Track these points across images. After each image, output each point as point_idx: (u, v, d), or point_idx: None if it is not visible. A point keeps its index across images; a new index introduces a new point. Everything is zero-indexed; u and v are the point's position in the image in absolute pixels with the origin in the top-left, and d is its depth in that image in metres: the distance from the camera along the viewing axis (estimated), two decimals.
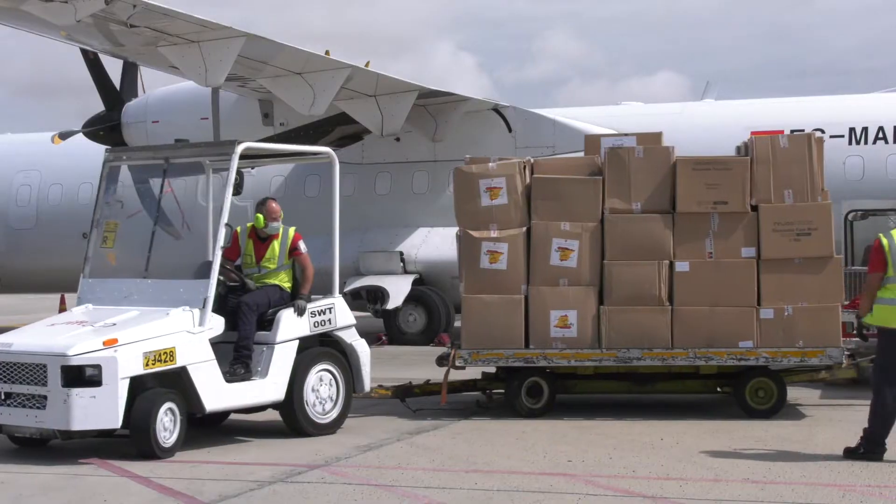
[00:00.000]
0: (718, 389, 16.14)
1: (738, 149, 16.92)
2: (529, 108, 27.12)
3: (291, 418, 14.41)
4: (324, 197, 27.62)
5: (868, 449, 12.55)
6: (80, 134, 28.59)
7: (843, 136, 25.42)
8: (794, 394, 17.16)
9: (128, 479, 12.11)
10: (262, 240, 14.86)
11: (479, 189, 15.83)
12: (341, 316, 14.85)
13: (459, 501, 11.06)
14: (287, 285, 14.73)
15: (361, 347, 15.01)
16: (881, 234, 12.85)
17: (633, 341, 15.40)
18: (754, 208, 15.56)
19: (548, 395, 15.75)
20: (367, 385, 15.08)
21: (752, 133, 25.65)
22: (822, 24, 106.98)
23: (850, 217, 21.62)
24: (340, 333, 14.86)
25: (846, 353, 15.66)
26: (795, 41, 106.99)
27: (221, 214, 14.00)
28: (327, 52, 24.09)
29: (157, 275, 14.30)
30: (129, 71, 28.70)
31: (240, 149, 14.18)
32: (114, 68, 28.33)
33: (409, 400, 16.29)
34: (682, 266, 15.47)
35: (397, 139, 26.91)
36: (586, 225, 15.59)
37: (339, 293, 15.08)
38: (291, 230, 14.91)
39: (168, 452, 13.05)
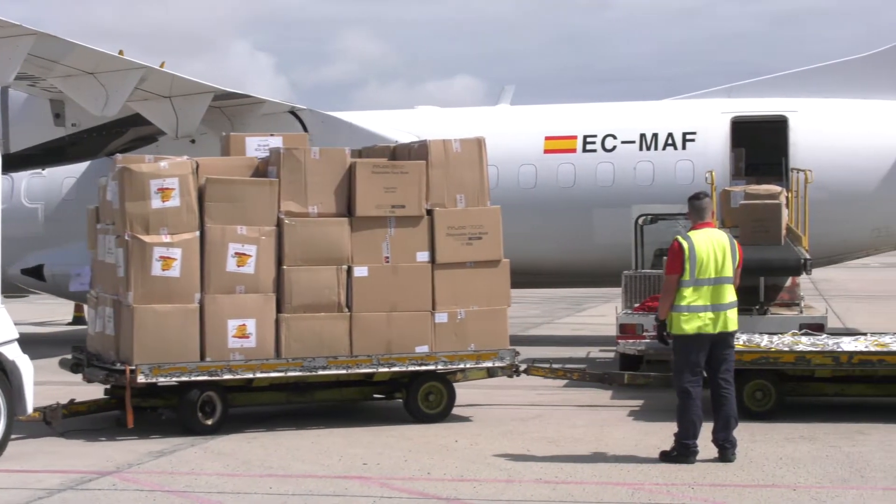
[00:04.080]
0: (396, 396, 16.01)
1: (357, 151, 16.45)
2: (326, 111, 27.08)
3: None
4: None
5: (680, 452, 12.75)
6: None
7: (633, 142, 25.91)
8: (585, 396, 17.46)
9: None
10: None
11: (151, 190, 14.78)
12: (3, 329, 13.30)
13: None
14: None
15: (24, 365, 13.32)
16: (679, 237, 13.07)
17: (312, 349, 15.09)
18: (430, 212, 15.64)
19: (221, 410, 14.93)
20: (31, 407, 13.64)
21: (546, 138, 26.33)
22: (618, 32, 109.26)
23: (640, 221, 22.07)
24: (2, 349, 13.20)
25: (517, 356, 16.03)
26: (591, 48, 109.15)
27: None
28: (121, 52, 23.70)
29: None
30: None
31: None
32: None
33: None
34: (360, 271, 15.35)
35: (192, 141, 26.57)
36: (264, 229, 15.08)
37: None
38: None
39: None
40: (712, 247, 12.89)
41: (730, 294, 12.92)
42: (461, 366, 15.75)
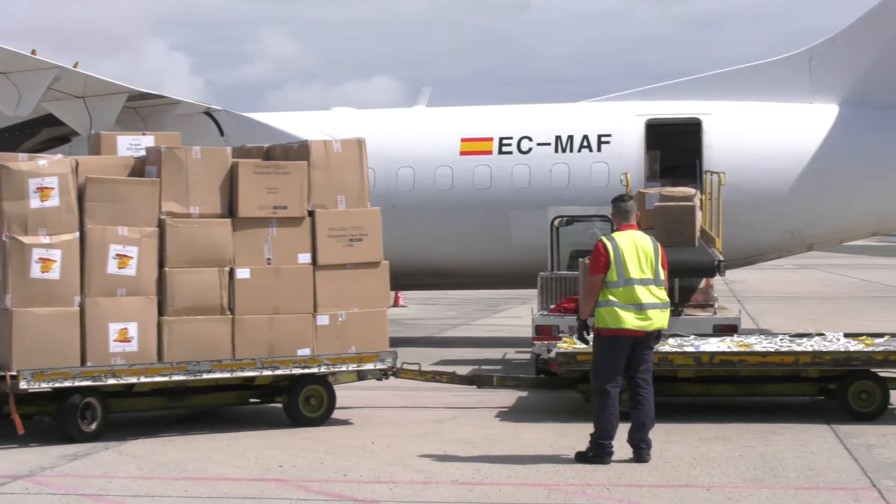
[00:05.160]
0: (276, 399, 15.80)
1: (235, 150, 16.07)
2: (243, 112, 26.97)
3: None
4: None
5: (596, 452, 12.80)
6: None
7: (549, 144, 26.02)
8: (500, 398, 17.49)
9: None
10: None
11: (29, 189, 14.28)
12: None
13: None
14: None
15: None
16: (604, 237, 13.12)
17: (195, 353, 14.80)
18: (311, 213, 15.55)
19: (102, 416, 14.43)
20: None
21: (462, 140, 26.39)
22: (535, 34, 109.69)
23: (555, 223, 22.17)
24: None
25: (396, 356, 15.98)
26: (508, 50, 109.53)
27: None
28: (34, 52, 23.49)
29: None
30: None
31: None
32: None
33: None
34: (242, 273, 15.16)
35: None
36: (145, 230, 14.74)
37: None
38: None
39: None
40: (635, 248, 12.95)
41: (656, 294, 12.97)
42: (344, 368, 15.66)
